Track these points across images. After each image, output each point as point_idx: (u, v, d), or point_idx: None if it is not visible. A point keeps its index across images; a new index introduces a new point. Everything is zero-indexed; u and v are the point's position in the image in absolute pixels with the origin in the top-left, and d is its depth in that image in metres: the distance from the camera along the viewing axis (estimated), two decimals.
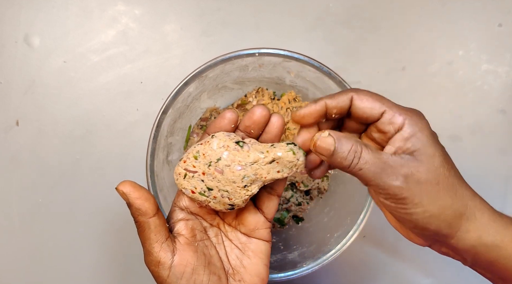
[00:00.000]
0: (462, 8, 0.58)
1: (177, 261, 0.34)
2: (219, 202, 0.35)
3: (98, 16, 0.57)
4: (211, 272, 0.35)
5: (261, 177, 0.34)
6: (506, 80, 0.58)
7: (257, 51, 0.45)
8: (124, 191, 0.33)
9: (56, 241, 0.56)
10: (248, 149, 0.34)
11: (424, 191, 0.32)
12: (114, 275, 0.56)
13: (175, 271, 0.33)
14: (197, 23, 0.57)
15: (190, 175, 0.35)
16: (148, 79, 0.56)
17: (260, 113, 0.35)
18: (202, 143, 0.35)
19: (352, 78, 0.57)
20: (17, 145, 0.56)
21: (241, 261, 0.37)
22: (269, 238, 0.38)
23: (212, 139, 0.35)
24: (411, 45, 0.58)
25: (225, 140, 0.34)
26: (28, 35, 0.56)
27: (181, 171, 0.35)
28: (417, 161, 0.32)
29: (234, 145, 0.34)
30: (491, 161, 0.58)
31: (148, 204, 0.34)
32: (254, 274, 0.36)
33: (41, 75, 0.56)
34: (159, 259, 0.33)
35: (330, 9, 0.58)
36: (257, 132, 0.36)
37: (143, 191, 0.34)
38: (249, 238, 0.37)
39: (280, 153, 0.34)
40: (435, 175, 0.32)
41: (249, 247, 0.37)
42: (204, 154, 0.34)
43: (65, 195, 0.56)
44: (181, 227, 0.36)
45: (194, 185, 0.35)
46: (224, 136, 0.35)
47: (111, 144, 0.56)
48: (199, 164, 0.34)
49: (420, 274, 0.58)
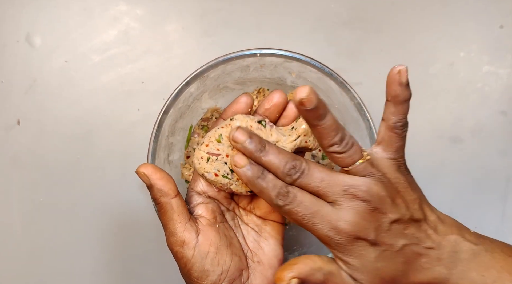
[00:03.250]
0: (463, 10, 0.58)
1: (201, 240, 0.34)
2: (241, 184, 0.35)
3: (99, 15, 0.57)
4: (232, 253, 0.35)
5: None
6: (507, 81, 0.58)
7: (258, 52, 0.45)
8: (146, 172, 0.34)
9: (57, 240, 0.56)
10: (270, 128, 0.35)
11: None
12: (115, 275, 0.56)
13: (200, 251, 0.34)
14: (199, 23, 0.57)
15: (214, 158, 0.35)
16: (149, 79, 0.57)
17: (279, 97, 0.36)
18: (223, 126, 0.35)
19: (353, 79, 0.57)
20: (18, 144, 0.56)
21: (258, 243, 0.37)
22: (283, 220, 0.38)
23: (233, 121, 0.35)
24: (412, 46, 0.58)
25: (247, 121, 0.35)
26: (29, 34, 0.56)
27: (203, 154, 0.35)
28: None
29: (256, 124, 0.35)
30: (492, 162, 0.58)
31: (170, 185, 0.34)
32: (272, 255, 0.37)
33: (42, 75, 0.56)
34: (183, 239, 0.34)
35: (332, 10, 0.58)
36: (274, 116, 0.37)
37: (163, 173, 0.34)
38: (264, 221, 0.38)
39: (304, 125, 0.35)
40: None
41: (265, 229, 0.38)
42: (228, 136, 0.34)
43: (66, 194, 0.56)
44: (202, 208, 0.36)
45: (218, 167, 0.35)
46: (244, 117, 0.35)
47: (112, 143, 0.56)
48: (222, 146, 0.34)
49: None
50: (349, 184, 0.31)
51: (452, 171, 0.58)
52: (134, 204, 0.56)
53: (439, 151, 0.58)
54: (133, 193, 0.56)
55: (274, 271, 0.36)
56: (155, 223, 0.54)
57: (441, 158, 0.58)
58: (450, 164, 0.58)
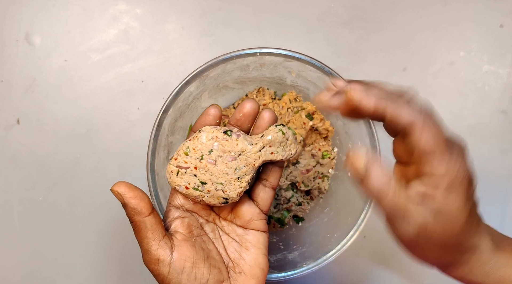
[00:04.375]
0: (463, 9, 0.58)
1: (176, 257, 0.34)
2: (213, 195, 0.35)
3: (99, 15, 0.56)
4: (211, 265, 0.35)
5: (253, 165, 0.35)
6: (507, 81, 0.58)
7: (258, 51, 0.45)
8: (119, 191, 0.34)
9: (56, 239, 0.56)
10: (236, 137, 0.35)
11: (431, 246, 0.30)
12: (114, 274, 0.56)
13: (175, 267, 0.34)
14: (198, 22, 0.57)
15: (183, 171, 0.35)
16: (149, 78, 0.56)
17: (250, 106, 0.37)
18: (191, 138, 0.35)
19: (353, 78, 0.57)
20: (18, 143, 0.56)
21: (239, 253, 0.37)
22: (265, 229, 0.38)
23: (200, 133, 0.35)
24: (412, 45, 0.58)
25: (212, 132, 0.35)
26: (29, 34, 0.56)
27: (173, 168, 0.35)
28: (439, 217, 0.29)
29: (222, 134, 0.35)
30: (492, 161, 0.58)
31: (143, 203, 0.34)
32: (254, 265, 0.37)
33: (42, 74, 0.56)
34: (158, 257, 0.34)
35: (332, 9, 0.58)
36: (247, 126, 0.37)
37: (137, 191, 0.34)
38: (245, 230, 0.38)
39: (270, 136, 0.35)
40: (452, 233, 0.30)
41: (247, 238, 0.38)
42: (195, 148, 0.35)
43: (66, 193, 0.56)
44: (178, 224, 0.36)
45: (188, 180, 0.35)
46: (211, 128, 0.35)
47: (112, 142, 0.56)
48: (190, 159, 0.35)
49: (421, 274, 0.58)
50: None
51: None
52: None
53: None
54: None
55: (257, 281, 0.36)
56: None
57: None
58: None
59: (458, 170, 0.29)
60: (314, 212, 0.55)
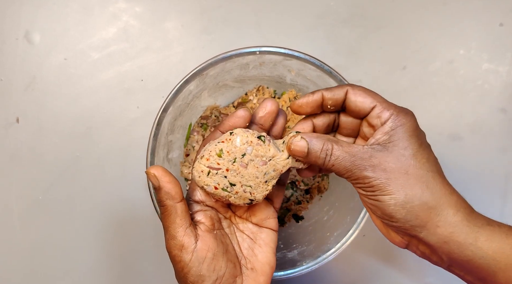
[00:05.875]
0: (463, 8, 0.58)
1: (200, 246, 0.35)
2: (240, 197, 0.36)
3: (98, 13, 0.56)
4: (228, 259, 0.36)
5: (281, 171, 0.36)
6: (506, 79, 0.58)
7: (258, 50, 0.45)
8: (156, 174, 0.34)
9: (56, 237, 0.56)
10: (269, 143, 0.36)
11: (392, 178, 0.33)
12: (114, 272, 0.56)
13: (197, 256, 0.34)
14: (198, 20, 0.57)
15: (214, 172, 0.35)
16: (148, 76, 0.56)
17: (272, 105, 0.38)
18: (223, 140, 0.36)
19: (353, 77, 0.57)
20: (17, 141, 0.56)
21: (252, 250, 0.38)
22: (276, 227, 0.40)
23: (233, 136, 0.35)
24: (412, 44, 0.58)
25: (247, 136, 0.35)
26: (28, 32, 0.56)
27: (203, 168, 0.36)
28: (386, 151, 0.34)
29: (256, 140, 0.35)
30: (492, 159, 0.58)
31: (177, 189, 0.35)
32: (265, 262, 0.38)
33: (42, 72, 0.56)
34: (183, 243, 0.34)
35: (331, 7, 0.58)
36: (268, 124, 0.38)
37: (172, 177, 0.35)
38: (259, 228, 0.39)
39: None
40: (404, 165, 0.34)
41: (260, 236, 0.39)
42: (228, 151, 0.35)
43: (65, 192, 0.56)
44: (201, 215, 0.37)
45: (218, 181, 0.36)
46: (244, 132, 0.36)
47: (112, 141, 0.56)
48: (223, 161, 0.35)
49: (421, 273, 0.58)
50: None
51: (452, 168, 0.58)
52: (133, 201, 0.56)
53: (439, 148, 0.58)
54: (132, 190, 0.56)
55: (266, 278, 0.38)
56: (154, 220, 0.54)
57: (440, 155, 0.58)
58: (450, 161, 0.58)
59: (402, 118, 0.35)
60: (313, 211, 0.55)
